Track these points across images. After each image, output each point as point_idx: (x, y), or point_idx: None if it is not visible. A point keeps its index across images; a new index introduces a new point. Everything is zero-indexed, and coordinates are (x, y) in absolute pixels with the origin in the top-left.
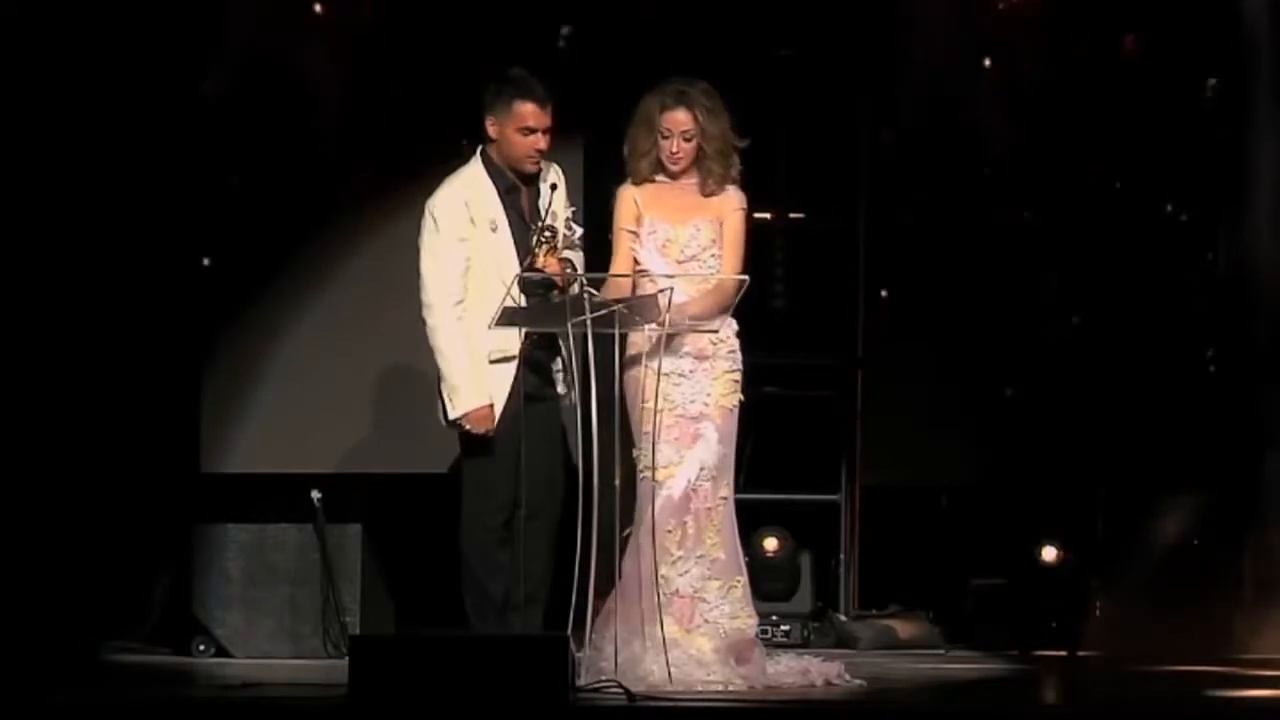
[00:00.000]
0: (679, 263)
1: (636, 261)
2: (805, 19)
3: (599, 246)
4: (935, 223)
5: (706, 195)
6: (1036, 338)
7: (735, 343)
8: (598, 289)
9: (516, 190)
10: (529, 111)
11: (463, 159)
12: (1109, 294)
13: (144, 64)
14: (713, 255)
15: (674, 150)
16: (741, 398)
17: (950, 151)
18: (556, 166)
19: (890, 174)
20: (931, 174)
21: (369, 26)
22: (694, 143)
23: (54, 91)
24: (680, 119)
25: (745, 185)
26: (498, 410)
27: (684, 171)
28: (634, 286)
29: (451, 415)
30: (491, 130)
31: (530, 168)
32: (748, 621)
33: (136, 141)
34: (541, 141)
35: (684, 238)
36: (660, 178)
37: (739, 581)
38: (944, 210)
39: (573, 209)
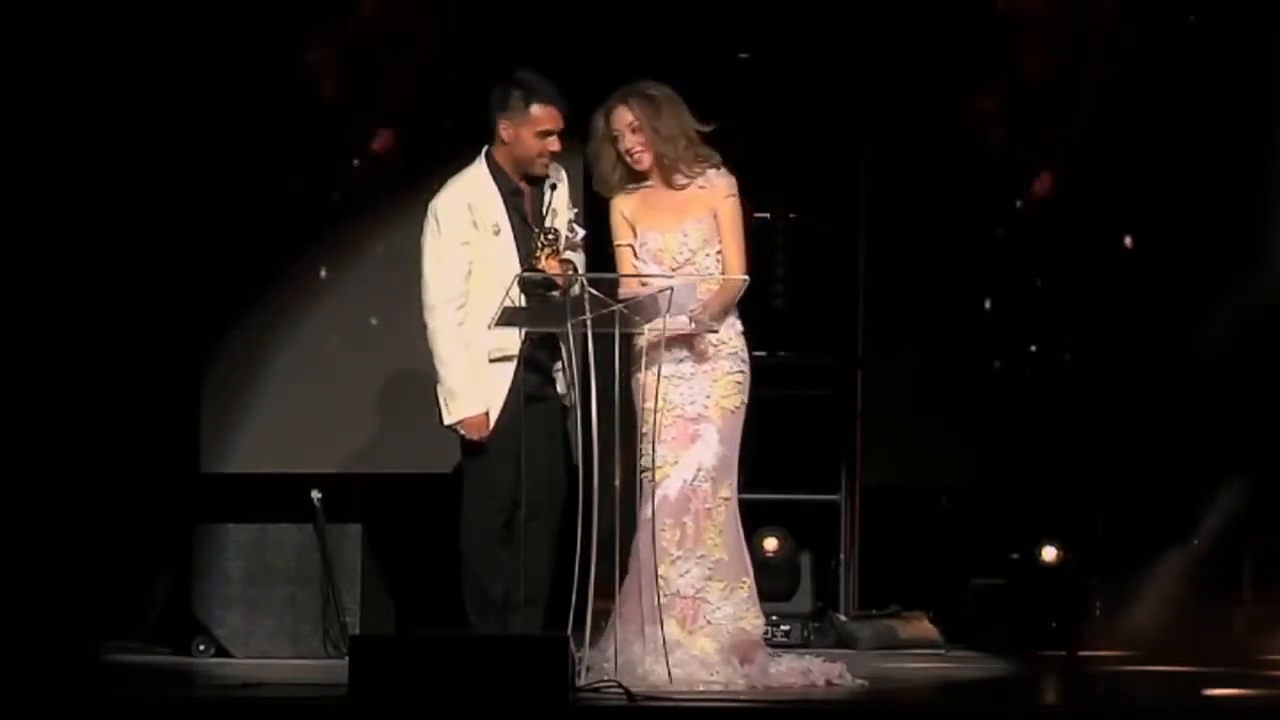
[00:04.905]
0: (674, 269)
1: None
2: (805, 19)
3: (600, 248)
4: (935, 222)
5: (681, 187)
6: (1037, 337)
7: (739, 343)
8: (601, 290)
9: (520, 194)
10: (547, 115)
11: (466, 160)
12: (1110, 293)
13: (144, 63)
14: (707, 255)
15: (627, 147)
16: (745, 399)
17: (950, 150)
18: (559, 167)
19: (890, 173)
20: (931, 173)
21: (372, 26)
22: (643, 135)
23: (55, 91)
24: (622, 114)
25: (734, 170)
26: (495, 411)
27: (650, 168)
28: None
29: (447, 420)
30: (506, 134)
31: (541, 170)
32: (754, 622)
33: (137, 141)
34: (556, 144)
35: (674, 245)
36: (637, 184)
37: (744, 583)
38: (944, 209)
39: (575, 210)
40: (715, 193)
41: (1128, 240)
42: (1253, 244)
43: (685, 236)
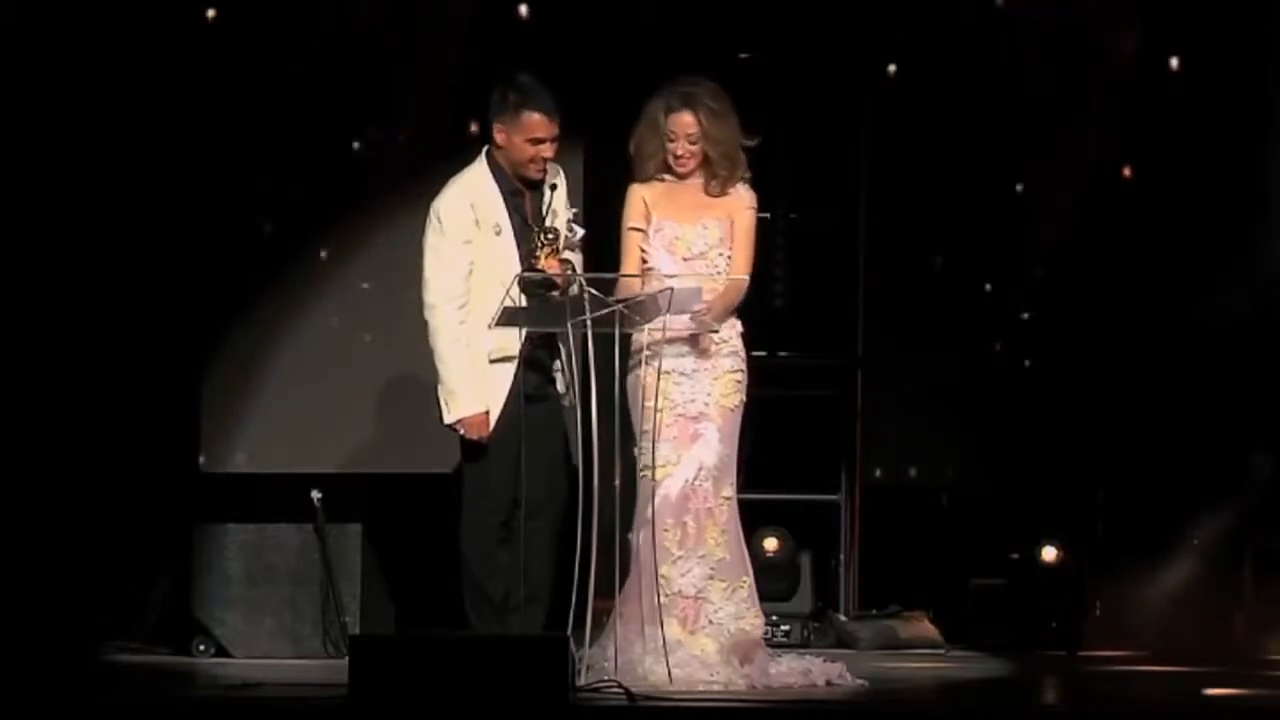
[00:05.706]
0: (685, 259)
1: (645, 261)
2: (805, 19)
3: (600, 249)
4: (935, 221)
5: (713, 196)
6: (1037, 337)
7: (739, 343)
8: (600, 289)
9: (520, 194)
10: (538, 122)
11: (468, 159)
12: (1110, 293)
13: (145, 65)
14: (720, 254)
15: (679, 153)
16: (744, 398)
17: (950, 150)
18: (558, 167)
19: (890, 173)
20: (930, 173)
21: (374, 25)
22: (699, 145)
23: (55, 90)
24: (686, 121)
25: (755, 185)
26: (496, 411)
27: (691, 173)
28: (643, 286)
29: (447, 419)
30: (499, 137)
31: (534, 175)
32: (754, 622)
33: (138, 141)
34: (548, 150)
35: (692, 235)
36: (667, 177)
37: (744, 582)
38: (943, 209)
39: (575, 210)
40: (738, 201)
41: (1127, 240)
42: (1253, 243)
43: (705, 229)
